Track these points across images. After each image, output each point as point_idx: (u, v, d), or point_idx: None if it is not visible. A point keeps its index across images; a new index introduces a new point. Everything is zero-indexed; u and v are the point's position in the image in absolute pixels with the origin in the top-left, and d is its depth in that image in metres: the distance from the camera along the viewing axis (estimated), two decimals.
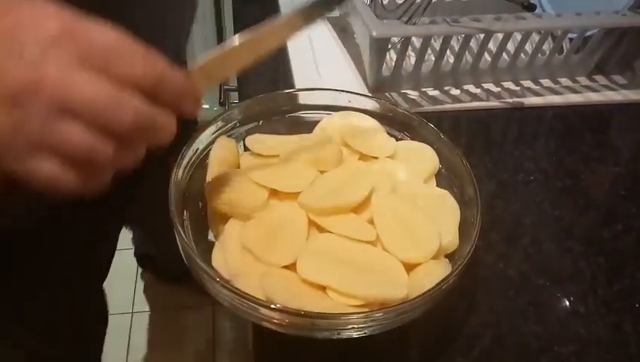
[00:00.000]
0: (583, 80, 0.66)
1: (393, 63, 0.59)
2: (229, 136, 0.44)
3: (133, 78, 0.25)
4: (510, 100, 0.62)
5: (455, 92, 0.62)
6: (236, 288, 0.31)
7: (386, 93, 0.62)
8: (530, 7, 0.54)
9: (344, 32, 0.69)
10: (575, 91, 0.64)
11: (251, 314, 0.32)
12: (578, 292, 0.44)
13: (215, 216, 0.39)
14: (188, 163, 0.40)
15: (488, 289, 0.44)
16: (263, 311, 0.31)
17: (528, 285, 0.45)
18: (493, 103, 0.61)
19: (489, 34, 0.57)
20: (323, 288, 0.34)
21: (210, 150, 0.42)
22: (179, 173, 0.38)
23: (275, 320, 0.32)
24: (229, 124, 0.44)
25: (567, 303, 0.44)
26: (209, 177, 0.40)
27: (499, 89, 0.63)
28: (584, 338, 0.41)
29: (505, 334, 0.41)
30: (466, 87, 0.63)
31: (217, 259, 0.36)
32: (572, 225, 0.50)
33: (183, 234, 0.33)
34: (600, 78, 0.66)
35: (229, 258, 0.36)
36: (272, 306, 0.30)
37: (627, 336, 0.42)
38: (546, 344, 0.41)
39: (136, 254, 1.15)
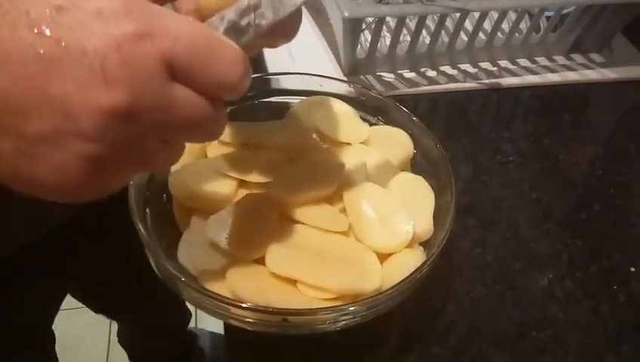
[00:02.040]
0: (561, 59, 0.65)
1: (368, 45, 0.57)
2: None
3: (221, 87, 0.22)
4: (487, 81, 0.60)
5: (431, 73, 0.61)
6: (200, 286, 0.30)
7: (362, 76, 0.60)
8: None
9: (318, 13, 0.67)
10: (553, 70, 0.63)
11: (218, 312, 0.30)
12: (555, 275, 0.44)
13: (180, 210, 0.37)
14: None
15: (465, 276, 0.43)
16: (230, 309, 0.30)
17: (505, 270, 0.44)
18: (470, 84, 0.60)
19: (465, 13, 0.55)
20: (294, 282, 0.33)
21: None
22: None
23: (244, 318, 0.30)
24: None
25: (545, 287, 0.43)
26: (173, 169, 0.38)
27: (476, 70, 0.62)
28: (561, 322, 0.41)
29: (482, 321, 0.41)
30: (442, 68, 0.62)
31: (183, 254, 0.35)
32: (550, 207, 0.49)
33: (143, 230, 0.32)
34: (578, 57, 0.65)
35: (195, 253, 0.34)
36: (238, 304, 0.29)
37: (604, 319, 0.41)
38: (524, 329, 0.40)
39: (121, 341, 0.99)
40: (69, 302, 0.67)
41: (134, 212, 0.33)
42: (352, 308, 0.31)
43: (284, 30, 0.29)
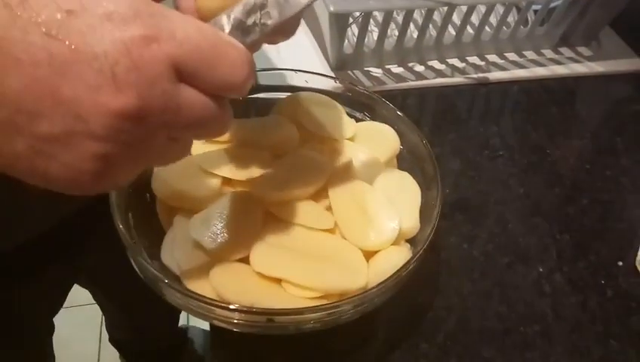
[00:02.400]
0: (549, 53, 0.65)
1: (355, 40, 0.57)
2: None
3: (227, 88, 0.23)
4: (475, 75, 0.60)
5: (419, 68, 0.61)
6: (184, 287, 0.29)
7: (349, 71, 0.60)
8: None
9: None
10: (541, 64, 0.63)
11: (202, 313, 0.30)
12: (543, 270, 0.44)
13: (164, 209, 0.37)
14: None
15: (453, 272, 0.43)
16: (214, 310, 0.29)
17: (493, 265, 0.44)
18: (459, 79, 0.60)
19: (452, 7, 0.55)
20: (279, 281, 0.32)
21: None
22: None
23: (229, 319, 0.30)
24: None
25: (533, 282, 0.43)
26: (156, 167, 0.37)
27: (464, 64, 0.61)
28: (549, 317, 0.41)
29: (470, 317, 0.41)
30: (430, 63, 0.61)
31: (166, 254, 0.34)
32: (538, 202, 0.49)
33: (124, 229, 0.31)
34: (565, 51, 0.65)
35: (179, 253, 0.34)
36: (222, 305, 0.29)
37: (592, 314, 0.41)
38: (512, 325, 0.40)
39: (112, 340, 1.00)
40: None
41: (115, 212, 0.32)
42: (337, 307, 0.31)
43: (284, 29, 0.29)
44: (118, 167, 0.22)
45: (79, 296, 0.72)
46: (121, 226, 0.31)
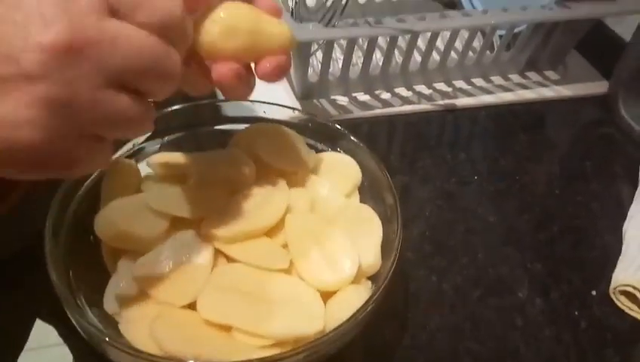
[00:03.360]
0: (516, 77, 0.64)
1: (320, 68, 0.56)
2: (129, 157, 0.39)
3: (163, 23, 0.22)
4: (442, 102, 0.59)
5: (386, 96, 0.60)
6: (117, 341, 0.27)
7: (315, 100, 0.59)
8: (452, 5, 0.52)
9: None
10: (508, 90, 0.62)
11: None
12: (515, 303, 0.42)
13: (109, 252, 0.34)
14: (77, 190, 0.35)
15: (421, 306, 0.41)
16: None
17: (463, 299, 0.42)
18: (425, 106, 0.59)
19: (416, 33, 0.54)
20: (229, 329, 0.30)
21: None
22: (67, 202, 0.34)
23: None
24: (129, 143, 0.40)
25: (504, 316, 0.41)
26: (102, 206, 0.35)
27: (430, 91, 0.61)
28: (523, 352, 0.39)
29: (440, 355, 0.39)
30: (397, 90, 0.60)
31: (109, 302, 0.32)
32: (508, 231, 0.48)
33: (57, 280, 0.29)
34: (533, 75, 0.65)
35: (122, 299, 0.31)
36: (154, 359, 0.26)
37: (567, 347, 0.40)
38: None
39: None
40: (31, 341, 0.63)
41: (49, 258, 0.30)
42: (292, 356, 0.29)
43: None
44: (64, 121, 0.21)
45: (48, 335, 0.68)
46: (54, 274, 0.29)
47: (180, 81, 0.24)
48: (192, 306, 0.31)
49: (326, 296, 0.33)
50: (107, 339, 0.27)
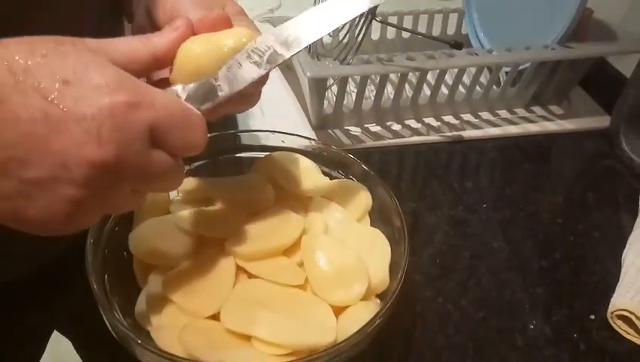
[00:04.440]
0: (521, 111, 0.68)
1: (335, 101, 0.60)
2: None
3: (189, 148, 0.28)
4: (450, 134, 0.63)
5: (396, 127, 0.63)
6: (152, 345, 0.30)
7: (330, 130, 0.62)
8: (458, 46, 0.56)
9: (289, 70, 0.69)
10: (513, 123, 0.66)
11: None
12: (517, 325, 0.44)
13: (140, 267, 0.38)
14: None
15: (427, 326, 0.44)
16: None
17: (468, 320, 0.44)
18: (434, 137, 0.62)
19: (424, 72, 0.58)
20: (249, 338, 0.33)
21: None
22: (104, 222, 0.37)
23: None
24: None
25: (506, 337, 0.43)
26: (135, 226, 0.39)
27: (439, 123, 0.64)
28: None
29: None
30: (407, 122, 0.64)
31: (140, 311, 0.35)
32: (511, 257, 0.50)
33: (96, 287, 0.32)
34: (537, 109, 0.68)
35: (152, 310, 0.35)
36: (180, 359, 0.29)
37: None
38: None
39: None
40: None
41: (90, 269, 0.33)
42: None
43: (243, 100, 0.33)
44: (86, 211, 0.25)
45: (62, 353, 0.70)
46: (94, 284, 0.32)
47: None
48: (216, 317, 0.34)
49: (338, 310, 0.36)
50: (140, 342, 0.30)
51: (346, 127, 0.63)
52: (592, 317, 0.45)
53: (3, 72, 0.23)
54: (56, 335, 0.65)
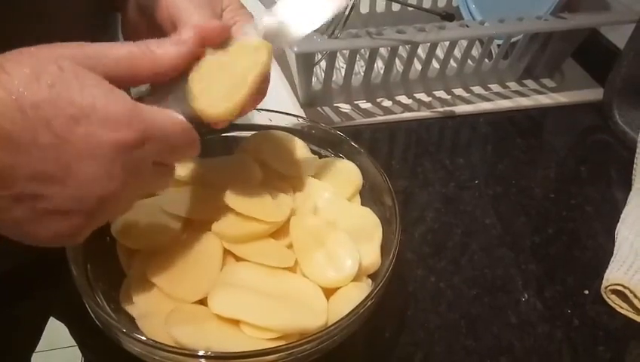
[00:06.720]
0: (513, 85, 0.66)
1: (323, 77, 0.58)
2: None
3: (182, 160, 0.31)
4: (442, 109, 0.61)
5: (387, 103, 0.62)
6: (137, 332, 0.29)
7: (318, 108, 0.61)
8: (449, 17, 0.54)
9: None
10: (505, 97, 0.64)
11: (155, 359, 0.30)
12: (510, 301, 0.44)
13: (124, 252, 0.37)
14: None
15: (419, 305, 0.43)
16: (164, 354, 0.29)
17: (460, 298, 0.44)
18: (425, 113, 0.61)
19: (414, 45, 0.56)
20: (237, 323, 0.32)
21: None
22: None
23: None
24: None
25: (499, 314, 0.43)
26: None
27: (430, 98, 0.63)
28: (517, 349, 0.41)
29: (437, 352, 0.40)
30: (397, 98, 0.62)
31: (125, 297, 0.34)
32: (503, 233, 0.50)
33: (76, 273, 0.31)
34: (530, 83, 0.67)
35: (137, 296, 0.34)
36: (174, 350, 0.28)
37: (560, 344, 0.42)
38: (479, 358, 0.40)
39: None
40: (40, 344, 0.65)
41: (70, 255, 0.32)
42: (296, 347, 0.31)
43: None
44: (90, 229, 0.28)
45: (59, 337, 0.70)
46: (75, 271, 0.31)
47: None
48: (203, 302, 0.33)
49: (328, 292, 0.35)
50: (124, 331, 0.29)
51: (335, 104, 0.61)
52: (586, 292, 0.45)
53: (12, 109, 0.23)
54: (51, 320, 0.64)
